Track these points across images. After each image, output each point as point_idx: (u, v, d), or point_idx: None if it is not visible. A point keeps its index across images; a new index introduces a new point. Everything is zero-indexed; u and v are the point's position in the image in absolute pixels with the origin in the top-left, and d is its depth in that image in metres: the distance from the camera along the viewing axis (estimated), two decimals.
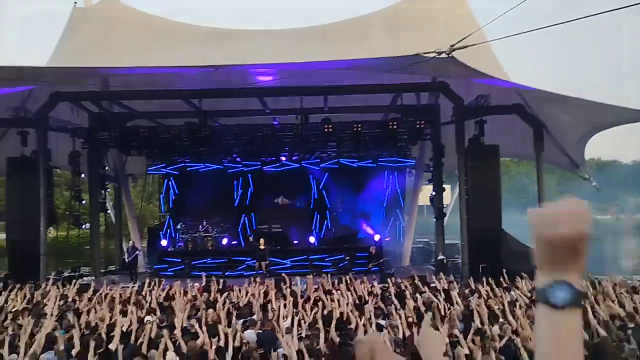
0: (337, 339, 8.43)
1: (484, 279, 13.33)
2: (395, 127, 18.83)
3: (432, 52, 13.77)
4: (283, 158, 22.88)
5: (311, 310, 10.05)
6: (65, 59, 17.57)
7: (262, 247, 19.08)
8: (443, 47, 13.47)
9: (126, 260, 20.17)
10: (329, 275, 14.25)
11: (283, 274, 14.49)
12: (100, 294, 12.85)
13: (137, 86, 18.96)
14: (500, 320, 9.15)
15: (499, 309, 10.11)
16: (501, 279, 13.30)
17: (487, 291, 12.08)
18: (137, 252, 20.32)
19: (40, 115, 18.37)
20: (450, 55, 13.44)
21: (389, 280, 13.62)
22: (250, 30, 20.68)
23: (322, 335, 8.40)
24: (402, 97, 19.83)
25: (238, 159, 23.06)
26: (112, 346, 8.04)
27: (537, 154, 18.54)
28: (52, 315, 10.37)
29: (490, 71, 15.76)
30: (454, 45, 13.29)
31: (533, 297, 11.30)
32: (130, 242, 21.80)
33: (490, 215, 17.55)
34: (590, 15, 10.90)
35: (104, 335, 8.61)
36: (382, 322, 9.23)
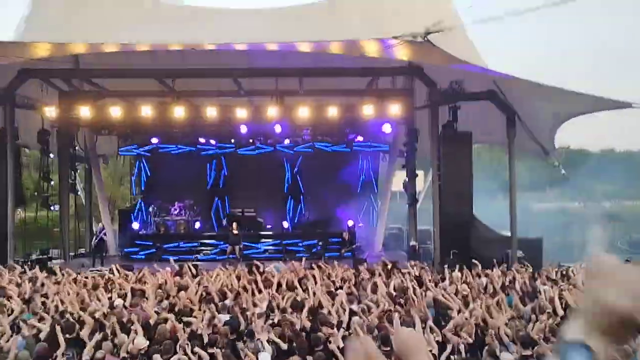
0: (308, 325, 8.46)
1: (455, 265, 13.50)
2: (369, 111, 18.80)
3: (407, 36, 13.72)
4: (257, 141, 22.68)
5: (284, 296, 10.06)
6: (33, 34, 17.08)
7: (235, 231, 18.98)
8: (419, 30, 13.43)
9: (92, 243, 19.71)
10: (303, 260, 14.25)
11: (255, 261, 14.45)
12: (70, 277, 12.65)
13: (109, 64, 18.55)
14: (470, 306, 9.28)
15: (468, 295, 10.27)
16: (471, 265, 13.48)
17: (457, 277, 12.24)
18: (101, 235, 19.85)
19: (7, 91, 17.86)
20: (426, 39, 13.41)
21: (360, 265, 13.71)
22: (225, 9, 20.34)
23: (293, 321, 8.43)
24: (377, 81, 19.78)
25: (212, 141, 22.81)
26: (82, 332, 7.95)
27: (509, 141, 18.70)
28: (19, 298, 10.20)
29: (466, 57, 15.81)
30: (429, 28, 13.26)
31: (505, 284, 11.49)
32: (100, 224, 21.44)
33: (462, 201, 17.72)
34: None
35: (73, 320, 8.49)
36: (355, 308, 9.29)
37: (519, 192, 19.11)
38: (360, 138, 22.14)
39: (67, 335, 7.92)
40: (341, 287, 11.02)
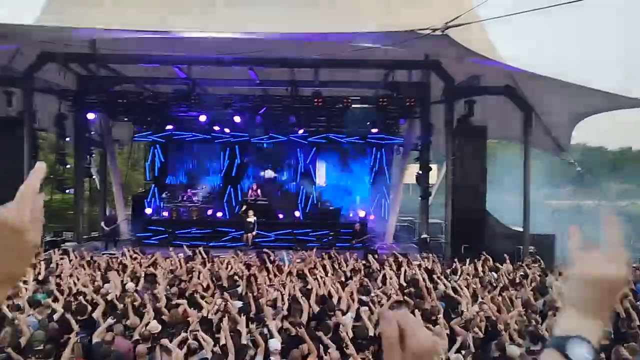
0: (317, 312, 8.51)
1: (467, 259, 13.48)
2: (385, 103, 18.75)
3: (426, 29, 13.69)
4: (271, 131, 22.69)
5: (294, 284, 10.10)
6: (53, 18, 17.18)
7: (249, 218, 19.02)
8: (437, 24, 13.40)
9: (104, 228, 19.73)
10: (314, 250, 14.29)
11: (265, 249, 14.51)
12: (83, 259, 12.81)
13: (126, 50, 18.63)
14: (480, 300, 9.27)
15: (480, 288, 10.25)
16: (482, 260, 13.45)
17: (469, 271, 12.22)
18: (117, 224, 19.90)
19: (27, 75, 18.01)
20: (444, 32, 13.37)
21: (371, 257, 13.73)
22: None
23: (304, 309, 8.47)
24: (394, 74, 19.70)
25: (226, 129, 22.85)
26: (95, 314, 8.05)
27: (525, 137, 18.59)
28: (34, 279, 10.34)
29: (483, 51, 15.70)
30: (448, 22, 13.22)
31: (514, 279, 11.46)
32: (109, 210, 21.54)
33: (475, 196, 17.67)
34: None
35: (85, 302, 8.60)
36: (365, 298, 9.31)
37: (534, 188, 18.99)
38: (374, 130, 22.05)
39: (80, 317, 8.03)
40: (351, 278, 11.04)
